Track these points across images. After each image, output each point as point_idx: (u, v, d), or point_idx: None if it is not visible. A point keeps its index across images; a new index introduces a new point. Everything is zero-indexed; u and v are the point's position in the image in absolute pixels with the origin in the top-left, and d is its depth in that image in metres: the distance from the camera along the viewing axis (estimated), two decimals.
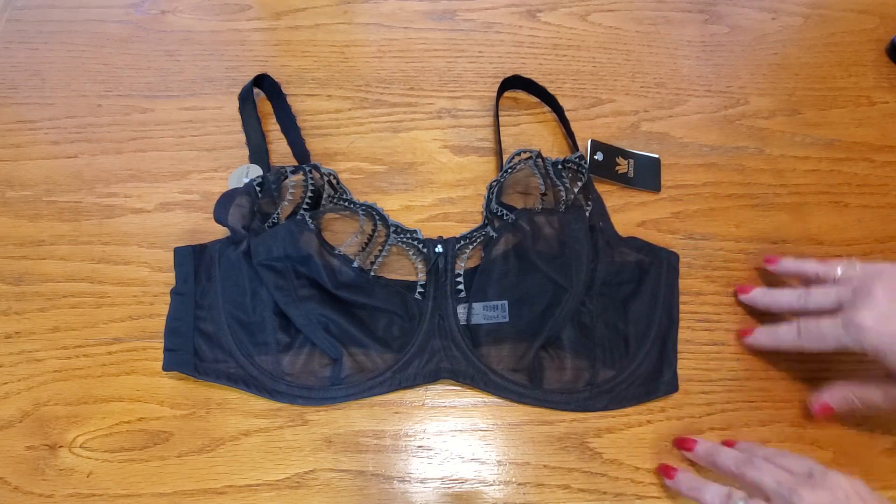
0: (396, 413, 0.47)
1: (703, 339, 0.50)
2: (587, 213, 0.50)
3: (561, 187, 0.51)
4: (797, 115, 0.61)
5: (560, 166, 0.53)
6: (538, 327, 0.47)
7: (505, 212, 0.51)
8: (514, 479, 0.45)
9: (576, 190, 0.51)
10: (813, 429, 0.46)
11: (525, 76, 0.60)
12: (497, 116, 0.59)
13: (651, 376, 0.47)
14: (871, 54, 0.66)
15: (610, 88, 0.62)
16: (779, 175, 0.57)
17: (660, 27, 0.67)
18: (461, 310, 0.48)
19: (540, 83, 0.59)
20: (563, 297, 0.46)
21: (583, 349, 0.47)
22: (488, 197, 0.53)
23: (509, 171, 0.53)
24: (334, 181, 0.53)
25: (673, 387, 0.47)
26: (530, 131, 0.60)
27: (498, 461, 0.45)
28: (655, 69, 0.64)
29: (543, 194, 0.52)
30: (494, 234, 0.49)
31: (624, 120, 0.60)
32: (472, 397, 0.48)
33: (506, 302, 0.47)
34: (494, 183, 0.53)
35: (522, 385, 0.47)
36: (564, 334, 0.47)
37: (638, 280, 0.49)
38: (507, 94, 0.62)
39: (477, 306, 0.48)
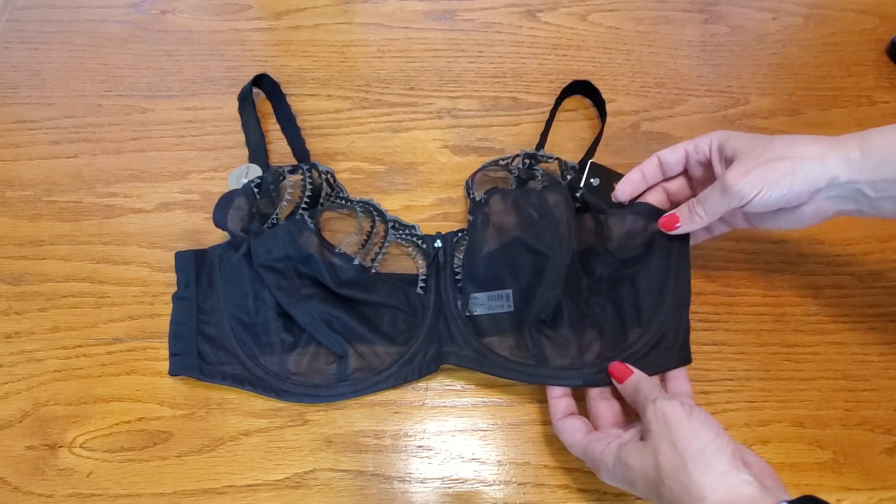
0: (396, 413, 0.47)
1: (703, 339, 0.50)
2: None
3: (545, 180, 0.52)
4: (797, 115, 0.61)
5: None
6: (530, 300, 0.46)
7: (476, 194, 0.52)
8: (514, 479, 0.45)
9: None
10: (813, 429, 0.46)
11: (583, 79, 0.61)
12: (552, 119, 0.59)
13: (661, 349, 0.45)
14: (871, 54, 0.66)
15: (610, 88, 0.62)
16: None
17: (660, 27, 0.67)
18: (463, 301, 0.48)
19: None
20: (546, 264, 0.46)
21: (587, 323, 0.46)
22: (468, 183, 0.53)
23: (502, 161, 0.54)
24: (331, 179, 0.53)
25: (686, 359, 0.45)
26: (530, 131, 0.60)
27: (498, 461, 0.45)
28: (655, 69, 0.64)
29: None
30: (471, 217, 0.50)
31: (624, 120, 0.60)
32: (472, 397, 0.48)
33: (510, 291, 0.47)
34: (476, 174, 0.54)
35: (528, 364, 0.46)
36: (565, 310, 0.46)
37: (647, 249, 0.47)
38: (506, 93, 0.62)
39: (481, 296, 0.47)
